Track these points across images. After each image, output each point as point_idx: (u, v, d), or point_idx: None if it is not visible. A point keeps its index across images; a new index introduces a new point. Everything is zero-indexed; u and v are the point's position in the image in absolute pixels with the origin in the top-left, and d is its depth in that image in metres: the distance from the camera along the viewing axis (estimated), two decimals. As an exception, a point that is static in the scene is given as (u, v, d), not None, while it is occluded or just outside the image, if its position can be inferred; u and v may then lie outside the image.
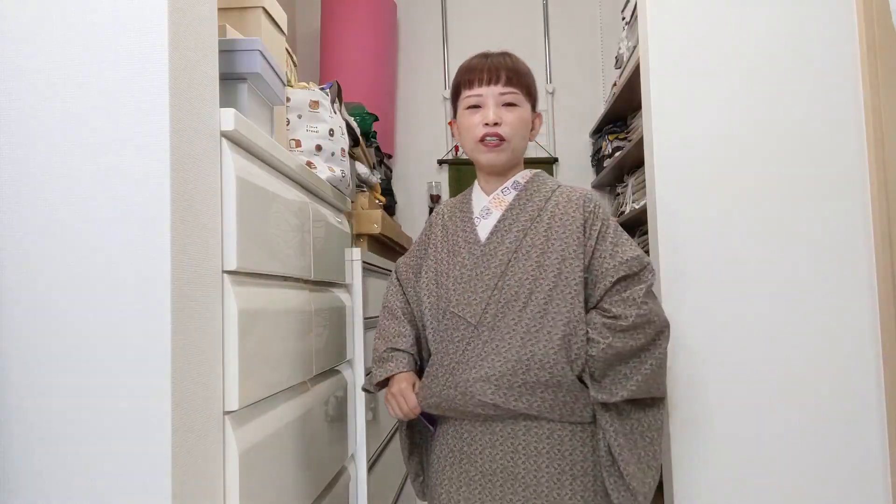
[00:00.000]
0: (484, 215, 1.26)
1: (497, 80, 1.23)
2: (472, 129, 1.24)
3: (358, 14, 2.93)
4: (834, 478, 1.48)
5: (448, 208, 1.35)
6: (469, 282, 1.20)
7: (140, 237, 0.78)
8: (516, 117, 1.23)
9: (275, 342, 1.09)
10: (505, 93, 1.23)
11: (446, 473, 1.21)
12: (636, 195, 2.41)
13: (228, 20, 1.22)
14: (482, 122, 1.22)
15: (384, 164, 2.82)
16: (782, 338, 1.50)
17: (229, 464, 0.92)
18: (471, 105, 1.24)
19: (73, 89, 0.80)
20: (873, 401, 1.49)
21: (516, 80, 1.24)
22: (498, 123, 1.22)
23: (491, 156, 1.23)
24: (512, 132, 1.23)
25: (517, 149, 1.26)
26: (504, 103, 1.23)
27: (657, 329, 1.18)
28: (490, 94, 1.23)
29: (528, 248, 1.20)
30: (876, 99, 1.49)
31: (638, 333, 1.16)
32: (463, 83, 1.26)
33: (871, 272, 1.50)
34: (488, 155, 1.24)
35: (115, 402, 0.77)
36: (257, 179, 1.05)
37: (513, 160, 1.27)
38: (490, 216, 1.25)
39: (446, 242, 1.28)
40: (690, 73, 1.55)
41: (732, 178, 1.53)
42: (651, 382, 1.17)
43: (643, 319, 1.16)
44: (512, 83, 1.23)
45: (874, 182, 1.50)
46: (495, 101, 1.23)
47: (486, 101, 1.23)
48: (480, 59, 1.26)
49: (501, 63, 1.24)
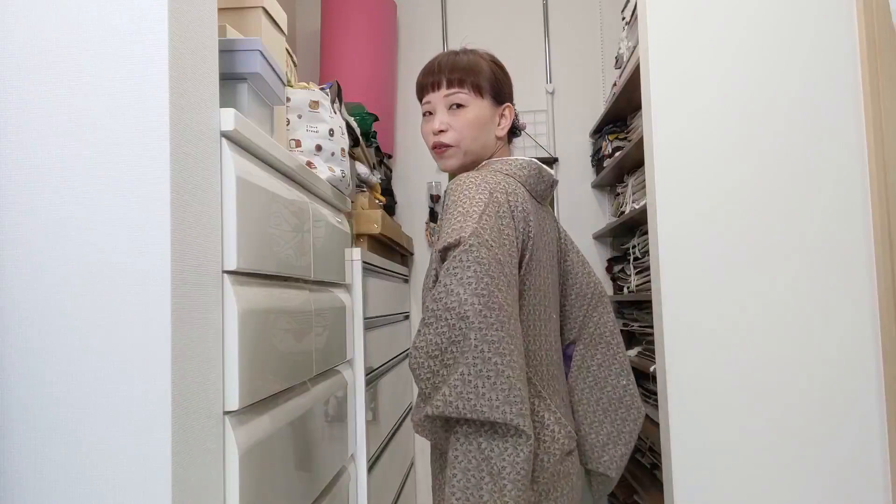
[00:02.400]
0: None
1: (439, 85, 1.21)
2: (426, 138, 1.26)
3: (358, 14, 2.92)
4: (834, 478, 1.48)
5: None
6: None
7: (140, 237, 0.78)
8: (463, 120, 1.20)
9: (275, 342, 1.09)
10: (449, 94, 1.21)
11: None
12: (636, 195, 2.41)
13: (228, 20, 1.22)
14: (431, 131, 1.23)
15: (384, 164, 2.82)
16: (782, 337, 1.50)
17: (229, 464, 0.92)
18: (425, 112, 1.26)
19: (73, 89, 0.79)
20: (873, 401, 1.49)
21: (458, 80, 1.20)
22: (444, 131, 1.20)
23: (442, 162, 1.24)
24: (458, 137, 1.20)
25: (473, 150, 1.22)
26: (451, 105, 1.21)
27: (458, 315, 0.92)
28: (437, 100, 1.22)
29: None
30: (876, 99, 1.49)
31: (440, 324, 0.94)
32: (418, 91, 1.27)
33: (871, 272, 1.50)
34: (440, 161, 1.24)
35: (114, 402, 0.77)
36: (257, 179, 1.05)
37: (471, 162, 1.24)
38: None
39: None
40: (690, 73, 1.55)
41: (732, 178, 1.53)
42: (471, 395, 0.90)
43: (440, 305, 0.94)
44: (454, 84, 1.20)
45: (874, 182, 1.50)
46: (442, 105, 1.21)
47: (435, 107, 1.23)
48: (430, 62, 1.25)
49: (444, 63, 1.22)
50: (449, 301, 0.93)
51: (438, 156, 1.24)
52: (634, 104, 2.33)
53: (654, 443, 1.96)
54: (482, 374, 0.90)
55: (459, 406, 0.90)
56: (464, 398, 0.90)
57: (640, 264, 2.25)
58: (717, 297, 1.51)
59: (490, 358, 0.90)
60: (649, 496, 2.03)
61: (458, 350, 0.92)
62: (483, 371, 0.90)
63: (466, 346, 0.91)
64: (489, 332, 0.91)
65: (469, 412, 0.90)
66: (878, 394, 1.49)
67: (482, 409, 0.89)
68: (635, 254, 2.36)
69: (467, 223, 0.98)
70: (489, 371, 0.90)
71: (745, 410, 1.50)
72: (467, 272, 0.93)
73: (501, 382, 0.90)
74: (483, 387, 0.90)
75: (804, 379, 1.50)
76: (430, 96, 1.23)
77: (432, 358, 0.95)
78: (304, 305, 1.26)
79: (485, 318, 0.91)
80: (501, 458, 0.90)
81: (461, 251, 0.95)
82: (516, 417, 0.90)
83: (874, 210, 1.50)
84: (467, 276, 0.93)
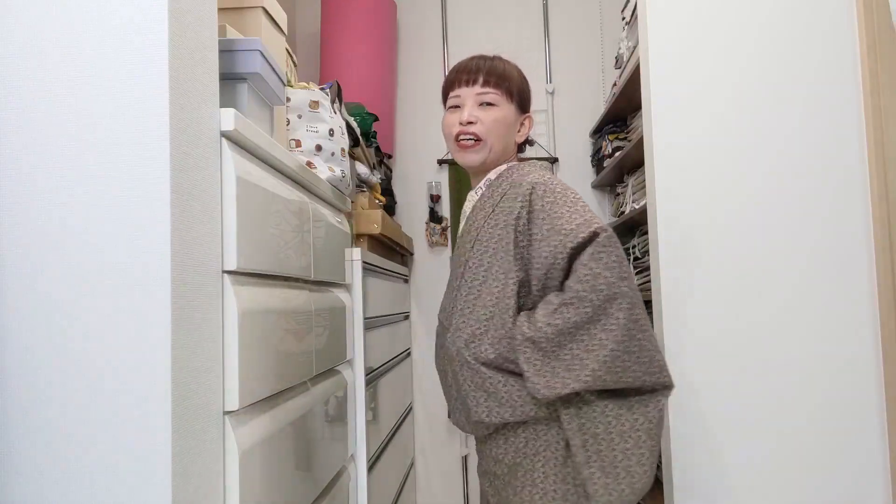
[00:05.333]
0: (464, 216, 1.30)
1: (475, 81, 1.24)
2: (450, 129, 1.26)
3: (358, 14, 2.92)
4: (834, 477, 1.48)
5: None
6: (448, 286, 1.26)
7: (140, 237, 0.78)
8: (493, 118, 1.23)
9: (275, 342, 1.09)
10: (482, 93, 1.24)
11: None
12: (636, 195, 2.41)
13: (228, 20, 1.22)
14: (458, 122, 1.24)
15: (384, 164, 2.82)
16: (782, 337, 1.50)
17: (229, 464, 0.92)
18: (452, 105, 1.27)
19: (73, 89, 0.79)
20: (873, 400, 1.49)
21: (494, 82, 1.24)
22: (472, 122, 1.22)
23: (464, 155, 1.24)
24: (487, 131, 1.22)
25: (496, 149, 1.24)
26: (481, 103, 1.23)
27: (606, 297, 1.01)
28: (468, 95, 1.24)
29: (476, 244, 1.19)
30: (876, 99, 1.49)
31: (584, 305, 1.01)
32: (447, 85, 1.29)
33: (871, 272, 1.50)
34: (463, 154, 1.25)
35: (115, 402, 0.77)
36: (257, 179, 1.05)
37: (492, 161, 1.25)
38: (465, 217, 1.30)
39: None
40: (690, 73, 1.55)
41: (732, 178, 1.53)
42: (618, 369, 1.00)
43: (587, 287, 1.01)
44: (490, 84, 1.23)
45: (874, 182, 1.50)
46: (473, 101, 1.24)
47: (464, 101, 1.24)
48: (465, 62, 1.28)
49: (482, 65, 1.25)
50: (597, 283, 1.01)
51: (464, 149, 1.23)
52: (634, 104, 2.33)
53: (654, 443, 1.96)
54: (629, 350, 1.00)
55: (607, 379, 1.00)
56: (612, 372, 1.00)
57: (640, 264, 2.25)
58: (717, 297, 1.51)
59: (635, 335, 1.01)
60: (649, 496, 2.03)
61: (601, 328, 1.00)
62: (630, 347, 1.00)
63: (614, 325, 1.00)
64: (634, 311, 1.02)
65: (614, 384, 1.01)
66: (878, 394, 1.49)
67: (627, 379, 1.01)
68: (635, 254, 2.35)
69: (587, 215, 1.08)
70: (634, 346, 1.01)
71: (745, 410, 1.50)
72: (611, 257, 1.03)
73: (643, 356, 1.02)
74: (629, 360, 1.01)
75: (804, 379, 1.50)
76: (461, 90, 1.24)
77: (565, 334, 1.01)
78: (304, 305, 1.26)
79: (630, 299, 1.02)
80: (634, 419, 1.05)
81: (604, 238, 1.05)
82: (658, 380, 1.03)
83: (874, 210, 1.50)
84: (612, 261, 1.03)
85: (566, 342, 1.02)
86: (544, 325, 1.03)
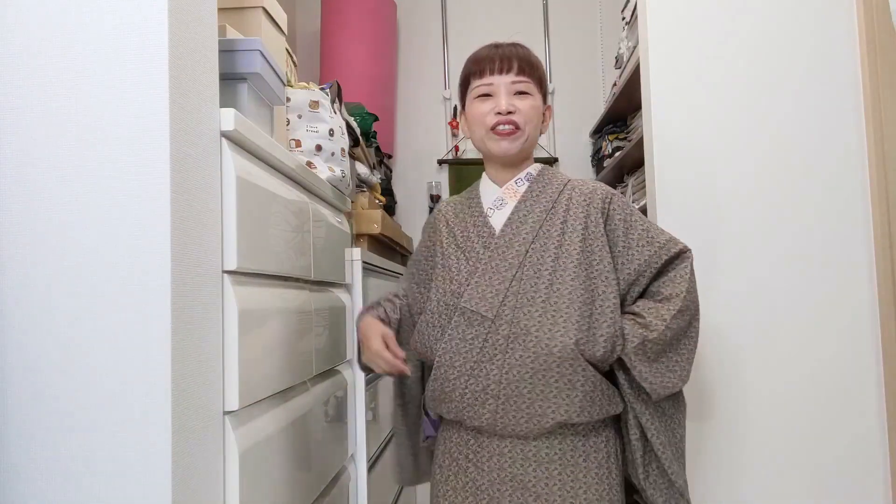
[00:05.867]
0: (498, 206, 1.22)
1: (509, 69, 1.19)
2: (483, 118, 1.19)
3: (358, 14, 2.92)
4: (834, 476, 1.48)
5: (451, 206, 1.30)
6: (483, 275, 1.15)
7: (140, 237, 0.78)
8: (529, 106, 1.19)
9: (275, 342, 1.09)
10: (517, 81, 1.19)
11: (450, 483, 1.17)
12: (636, 195, 2.41)
13: (228, 20, 1.22)
14: (494, 111, 1.18)
15: (384, 164, 2.82)
16: (782, 337, 1.50)
17: (229, 464, 0.92)
18: (482, 94, 1.20)
19: (73, 89, 0.79)
20: (873, 400, 1.49)
21: (528, 70, 1.20)
22: (511, 112, 1.18)
23: (504, 144, 1.19)
24: (525, 120, 1.19)
25: (531, 138, 1.22)
26: (516, 92, 1.19)
27: (696, 309, 1.18)
28: (501, 83, 1.19)
29: (545, 240, 1.16)
30: (876, 99, 1.49)
31: (685, 314, 1.15)
32: (473, 73, 1.22)
33: (871, 271, 1.50)
34: (502, 143, 1.19)
35: (115, 402, 0.77)
36: (257, 179, 1.05)
37: (526, 150, 1.23)
38: (504, 207, 1.21)
39: (454, 239, 1.23)
40: (690, 73, 1.55)
41: (732, 177, 1.53)
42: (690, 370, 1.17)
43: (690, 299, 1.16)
44: (524, 73, 1.20)
45: (874, 182, 1.50)
46: (507, 89, 1.19)
47: (498, 89, 1.19)
48: (491, 49, 1.22)
49: (513, 52, 1.21)
50: (694, 297, 1.17)
51: (503, 136, 1.19)
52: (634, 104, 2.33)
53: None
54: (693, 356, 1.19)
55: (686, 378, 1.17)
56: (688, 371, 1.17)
57: (640, 264, 2.25)
58: (716, 297, 1.51)
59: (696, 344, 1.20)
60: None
61: (687, 336, 1.17)
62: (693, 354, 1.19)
63: (694, 334, 1.18)
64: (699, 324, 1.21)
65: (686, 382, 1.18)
66: (878, 394, 1.49)
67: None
68: (635, 254, 2.35)
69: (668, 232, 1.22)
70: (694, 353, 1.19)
71: (745, 410, 1.50)
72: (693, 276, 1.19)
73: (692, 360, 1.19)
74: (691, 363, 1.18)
75: (804, 378, 1.50)
76: (494, 78, 1.19)
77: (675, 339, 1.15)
78: (303, 305, 1.26)
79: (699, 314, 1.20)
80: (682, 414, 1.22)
81: (691, 255, 1.21)
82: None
83: (874, 210, 1.50)
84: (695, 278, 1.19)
85: (674, 346, 1.15)
86: (663, 328, 1.12)
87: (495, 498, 1.12)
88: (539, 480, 1.11)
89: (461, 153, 3.27)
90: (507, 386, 1.10)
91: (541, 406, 1.10)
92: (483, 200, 1.24)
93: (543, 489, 1.11)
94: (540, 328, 1.10)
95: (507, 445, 1.13)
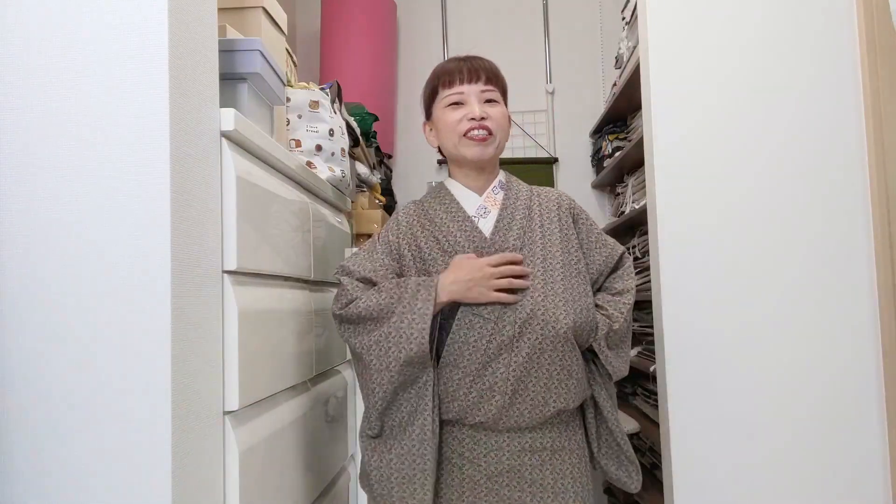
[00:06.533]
0: (482, 214, 1.26)
1: (478, 79, 1.26)
2: (455, 125, 1.25)
3: (358, 14, 2.92)
4: (834, 477, 1.48)
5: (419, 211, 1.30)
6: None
7: (140, 237, 0.78)
8: (500, 113, 1.27)
9: (275, 342, 1.09)
10: (486, 90, 1.26)
11: (444, 481, 1.19)
12: (636, 195, 2.41)
13: (228, 20, 1.22)
14: (466, 117, 1.24)
15: (384, 164, 2.82)
16: (782, 337, 1.50)
17: (229, 464, 0.92)
18: (452, 102, 1.26)
19: (74, 90, 0.80)
20: (873, 400, 1.49)
21: (495, 80, 1.28)
22: (485, 118, 1.24)
23: (477, 149, 1.24)
24: (497, 126, 1.26)
25: (501, 144, 1.28)
26: (486, 100, 1.26)
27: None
28: (471, 92, 1.26)
29: (531, 245, 1.23)
30: (876, 99, 1.49)
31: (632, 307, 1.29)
32: (442, 84, 1.28)
33: (871, 271, 1.50)
34: (475, 149, 1.24)
35: (115, 402, 0.77)
36: (257, 179, 1.05)
37: (496, 156, 1.29)
38: (488, 215, 1.26)
39: (436, 243, 1.23)
40: (690, 73, 1.55)
41: (732, 178, 1.53)
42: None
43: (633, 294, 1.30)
44: (491, 82, 1.27)
45: (874, 182, 1.50)
46: (478, 97, 1.25)
47: (468, 97, 1.25)
48: (458, 61, 1.29)
49: (480, 64, 1.28)
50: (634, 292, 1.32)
51: (479, 142, 1.24)
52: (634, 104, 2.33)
53: (654, 443, 1.96)
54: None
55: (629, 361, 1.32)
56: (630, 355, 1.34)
57: (640, 264, 2.25)
58: (717, 298, 1.51)
59: None
60: (649, 496, 2.03)
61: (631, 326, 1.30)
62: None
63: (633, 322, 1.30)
64: None
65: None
66: (878, 394, 1.49)
67: None
68: (635, 254, 2.36)
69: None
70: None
71: (745, 410, 1.50)
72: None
73: None
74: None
75: (804, 379, 1.50)
76: (464, 87, 1.26)
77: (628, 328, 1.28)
78: (304, 305, 1.26)
79: None
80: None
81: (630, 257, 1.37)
82: None
83: (874, 210, 1.50)
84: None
85: (627, 334, 1.28)
86: (622, 320, 1.25)
87: (493, 490, 1.17)
88: (534, 468, 1.18)
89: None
90: (514, 381, 1.15)
91: (543, 396, 1.16)
92: (464, 206, 1.27)
93: (538, 476, 1.18)
94: (545, 311, 1.17)
95: (504, 439, 1.18)
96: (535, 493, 1.17)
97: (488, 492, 1.17)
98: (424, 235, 1.25)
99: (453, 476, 1.18)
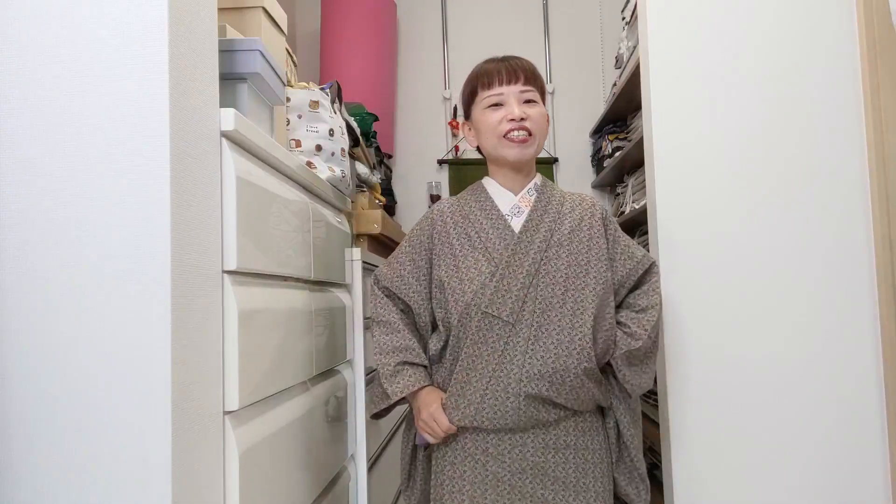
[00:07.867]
0: (515, 213, 1.28)
1: (517, 80, 1.26)
2: (495, 126, 1.26)
3: (358, 14, 2.93)
4: (834, 477, 1.48)
5: (454, 208, 1.33)
6: (503, 279, 1.21)
7: (140, 237, 0.78)
8: (539, 113, 1.27)
9: (275, 342, 1.09)
10: (525, 91, 1.26)
11: (467, 478, 1.20)
12: (636, 195, 2.41)
13: (228, 20, 1.22)
14: (506, 118, 1.25)
15: (384, 164, 2.82)
16: (782, 337, 1.50)
17: (229, 464, 0.92)
18: (491, 104, 1.27)
19: (73, 90, 0.79)
20: (873, 401, 1.49)
21: (533, 80, 1.28)
22: (524, 119, 1.24)
23: (517, 150, 1.25)
24: (537, 127, 1.26)
25: (540, 145, 1.29)
26: (525, 101, 1.26)
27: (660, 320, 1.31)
28: (511, 93, 1.26)
29: (556, 248, 1.24)
30: (876, 99, 1.49)
31: (658, 324, 1.27)
32: (481, 85, 1.28)
33: (871, 272, 1.50)
34: (515, 150, 1.25)
35: (115, 402, 0.77)
36: (257, 179, 1.05)
37: (536, 156, 1.31)
38: (521, 214, 1.28)
39: (468, 240, 1.27)
40: (690, 73, 1.55)
41: (732, 178, 1.53)
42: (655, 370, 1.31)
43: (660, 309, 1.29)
44: (530, 82, 1.28)
45: (874, 182, 1.50)
46: (517, 98, 1.26)
47: (508, 98, 1.26)
48: (497, 62, 1.29)
49: (518, 64, 1.29)
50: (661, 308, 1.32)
51: (517, 143, 1.25)
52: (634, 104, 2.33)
53: (654, 443, 1.96)
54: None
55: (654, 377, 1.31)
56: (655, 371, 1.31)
57: (640, 264, 2.25)
58: (716, 297, 1.51)
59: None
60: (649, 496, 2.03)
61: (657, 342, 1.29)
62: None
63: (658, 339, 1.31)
64: None
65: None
66: (878, 394, 1.49)
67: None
68: (635, 254, 2.35)
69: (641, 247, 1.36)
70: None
71: (745, 411, 1.50)
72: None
73: None
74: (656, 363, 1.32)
75: (804, 379, 1.50)
76: (503, 88, 1.26)
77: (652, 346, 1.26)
78: (303, 305, 1.26)
79: None
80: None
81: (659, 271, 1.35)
82: None
83: (874, 210, 1.50)
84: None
85: (651, 351, 1.26)
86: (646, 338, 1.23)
87: (517, 486, 1.19)
88: (557, 465, 1.20)
89: (461, 153, 3.27)
90: (527, 384, 1.17)
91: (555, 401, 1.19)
92: (499, 205, 1.30)
93: (561, 473, 1.20)
94: (560, 331, 1.18)
95: (529, 437, 1.20)
96: (559, 490, 1.19)
97: (512, 488, 1.19)
98: (457, 232, 1.29)
99: (477, 472, 1.20)
